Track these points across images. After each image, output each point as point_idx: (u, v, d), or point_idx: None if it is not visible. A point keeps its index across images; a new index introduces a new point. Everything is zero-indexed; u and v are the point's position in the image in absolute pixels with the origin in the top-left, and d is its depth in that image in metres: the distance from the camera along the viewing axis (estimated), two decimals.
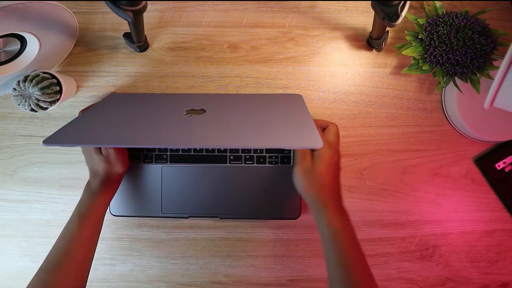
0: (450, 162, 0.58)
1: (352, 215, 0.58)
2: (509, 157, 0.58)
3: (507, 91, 0.44)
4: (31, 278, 0.42)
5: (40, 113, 0.53)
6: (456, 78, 0.54)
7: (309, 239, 0.58)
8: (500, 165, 0.58)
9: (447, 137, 0.59)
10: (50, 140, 0.37)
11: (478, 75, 0.52)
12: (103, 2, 0.42)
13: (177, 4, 0.58)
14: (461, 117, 0.55)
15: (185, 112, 0.46)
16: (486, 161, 0.58)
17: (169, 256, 0.59)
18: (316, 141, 0.38)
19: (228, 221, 0.58)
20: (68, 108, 0.58)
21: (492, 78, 0.51)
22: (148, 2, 0.45)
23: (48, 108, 0.52)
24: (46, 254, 0.43)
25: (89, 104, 0.58)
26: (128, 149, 0.56)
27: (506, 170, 0.58)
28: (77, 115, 0.58)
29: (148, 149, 0.56)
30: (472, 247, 0.59)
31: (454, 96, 0.55)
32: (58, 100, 0.52)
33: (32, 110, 0.51)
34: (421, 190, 0.58)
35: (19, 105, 0.51)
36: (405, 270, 0.59)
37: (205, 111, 0.47)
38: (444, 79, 0.53)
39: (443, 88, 0.58)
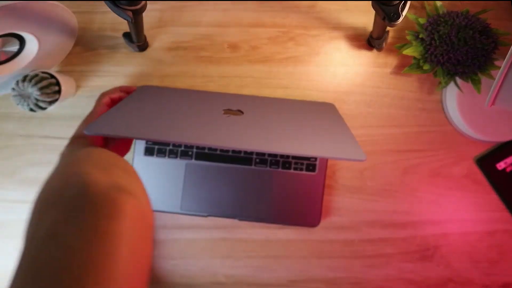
0: (451, 162, 0.58)
1: (352, 215, 0.58)
2: (510, 157, 0.58)
3: (508, 90, 0.44)
4: None
5: (39, 113, 0.53)
6: (457, 78, 0.54)
7: (309, 239, 0.58)
8: (501, 165, 0.57)
9: (448, 137, 0.58)
10: (94, 129, 0.37)
11: (479, 74, 0.52)
12: (103, 2, 0.42)
13: (177, 4, 0.58)
14: (461, 117, 0.55)
15: (223, 112, 0.46)
16: (487, 161, 0.58)
17: (169, 257, 0.59)
18: (359, 154, 0.38)
19: (228, 221, 0.58)
20: (67, 108, 0.58)
21: (493, 78, 0.51)
22: (147, 1, 0.44)
23: (47, 108, 0.52)
24: None
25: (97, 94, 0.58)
26: (155, 142, 0.55)
27: (507, 170, 0.57)
28: (76, 115, 0.58)
29: (174, 144, 0.56)
30: (473, 247, 0.58)
31: (455, 96, 0.55)
32: (57, 100, 0.52)
33: (31, 110, 0.51)
34: (422, 190, 0.58)
35: (18, 105, 0.50)
36: (406, 270, 0.58)
37: (242, 112, 0.47)
38: (445, 79, 0.53)
39: (444, 88, 0.58)
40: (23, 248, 0.26)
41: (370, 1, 0.45)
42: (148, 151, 0.56)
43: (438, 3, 0.53)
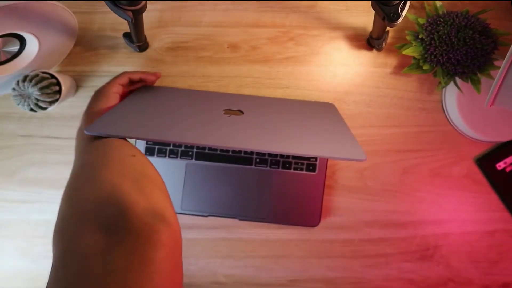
0: (451, 162, 0.58)
1: (352, 215, 0.58)
2: (510, 157, 0.58)
3: (508, 90, 0.44)
4: None
5: (40, 113, 0.53)
6: (457, 78, 0.54)
7: (309, 239, 0.58)
8: (500, 165, 0.58)
9: (448, 137, 0.58)
10: (94, 129, 0.37)
11: (479, 75, 0.52)
12: (103, 2, 0.42)
13: (177, 4, 0.58)
14: (461, 117, 0.55)
15: (223, 112, 0.47)
16: (486, 161, 0.58)
17: None
18: (360, 154, 0.38)
19: (228, 221, 0.58)
20: (67, 108, 0.58)
21: (492, 78, 0.51)
22: (148, 2, 0.45)
23: (47, 108, 0.52)
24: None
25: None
26: (155, 142, 0.56)
27: (507, 170, 0.57)
28: (76, 115, 0.58)
29: (174, 144, 0.56)
30: (473, 247, 0.58)
31: (455, 96, 0.55)
32: (57, 100, 0.52)
33: (32, 110, 0.51)
34: (422, 190, 0.58)
35: (18, 105, 0.51)
36: (406, 270, 0.58)
37: (242, 112, 0.47)
38: (445, 79, 0.53)
39: (444, 88, 0.58)
40: (58, 256, 0.27)
41: (370, 1, 0.45)
42: (148, 151, 0.56)
43: (438, 3, 0.53)
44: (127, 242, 0.26)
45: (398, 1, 0.42)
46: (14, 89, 0.50)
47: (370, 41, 0.57)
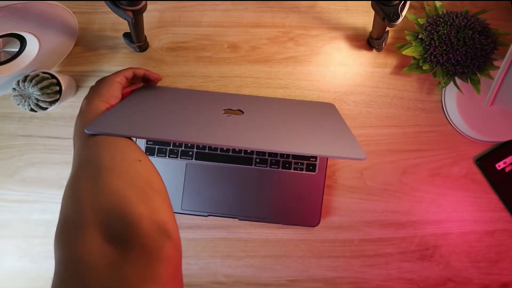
0: (451, 162, 0.58)
1: (352, 215, 0.58)
2: (509, 157, 0.58)
3: (507, 90, 0.44)
4: None
5: (40, 113, 0.53)
6: (456, 78, 0.54)
7: (309, 239, 0.58)
8: (500, 165, 0.58)
9: (447, 137, 0.58)
10: (95, 128, 0.37)
11: (479, 75, 0.52)
12: (103, 2, 0.42)
13: (177, 4, 0.58)
14: (461, 117, 0.55)
15: (223, 111, 0.47)
16: (486, 161, 0.58)
17: None
18: (359, 153, 0.39)
19: (228, 221, 0.58)
20: (68, 108, 0.58)
21: (492, 78, 0.51)
22: (148, 2, 0.45)
23: (47, 108, 0.52)
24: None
25: None
26: (155, 142, 0.56)
27: (507, 170, 0.58)
28: (76, 115, 0.58)
29: (174, 144, 0.56)
30: (473, 247, 0.58)
31: (454, 96, 0.55)
32: (57, 100, 0.52)
33: (32, 110, 0.51)
34: (422, 190, 0.58)
35: (18, 105, 0.51)
36: (406, 270, 0.58)
37: (243, 112, 0.47)
38: (444, 79, 0.53)
39: (443, 88, 0.58)
40: (61, 262, 0.27)
41: (370, 1, 0.45)
42: (149, 151, 0.56)
43: (438, 3, 0.54)
44: (138, 257, 0.26)
45: (398, 1, 0.42)
46: (14, 89, 0.50)
47: (370, 41, 0.57)
